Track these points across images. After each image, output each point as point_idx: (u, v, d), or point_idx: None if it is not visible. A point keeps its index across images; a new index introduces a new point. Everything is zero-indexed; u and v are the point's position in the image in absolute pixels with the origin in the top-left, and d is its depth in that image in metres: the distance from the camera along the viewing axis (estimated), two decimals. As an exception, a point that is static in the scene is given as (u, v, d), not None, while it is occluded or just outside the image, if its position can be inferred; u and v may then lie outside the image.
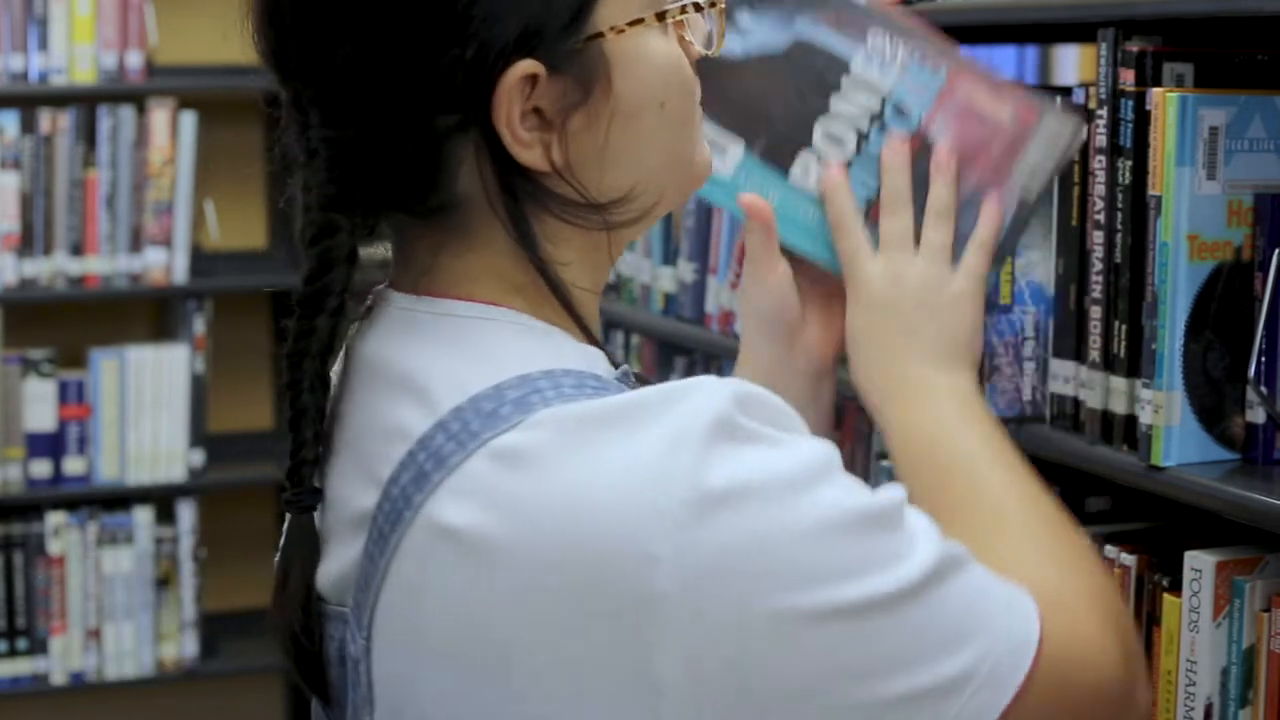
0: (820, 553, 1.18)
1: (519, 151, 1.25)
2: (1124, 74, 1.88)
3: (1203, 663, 1.80)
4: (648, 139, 1.30)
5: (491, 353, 1.26)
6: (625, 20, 1.27)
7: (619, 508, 1.16)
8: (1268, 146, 1.84)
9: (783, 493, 1.18)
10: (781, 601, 1.17)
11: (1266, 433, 1.83)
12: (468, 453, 1.20)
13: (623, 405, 1.20)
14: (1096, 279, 1.93)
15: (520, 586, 1.18)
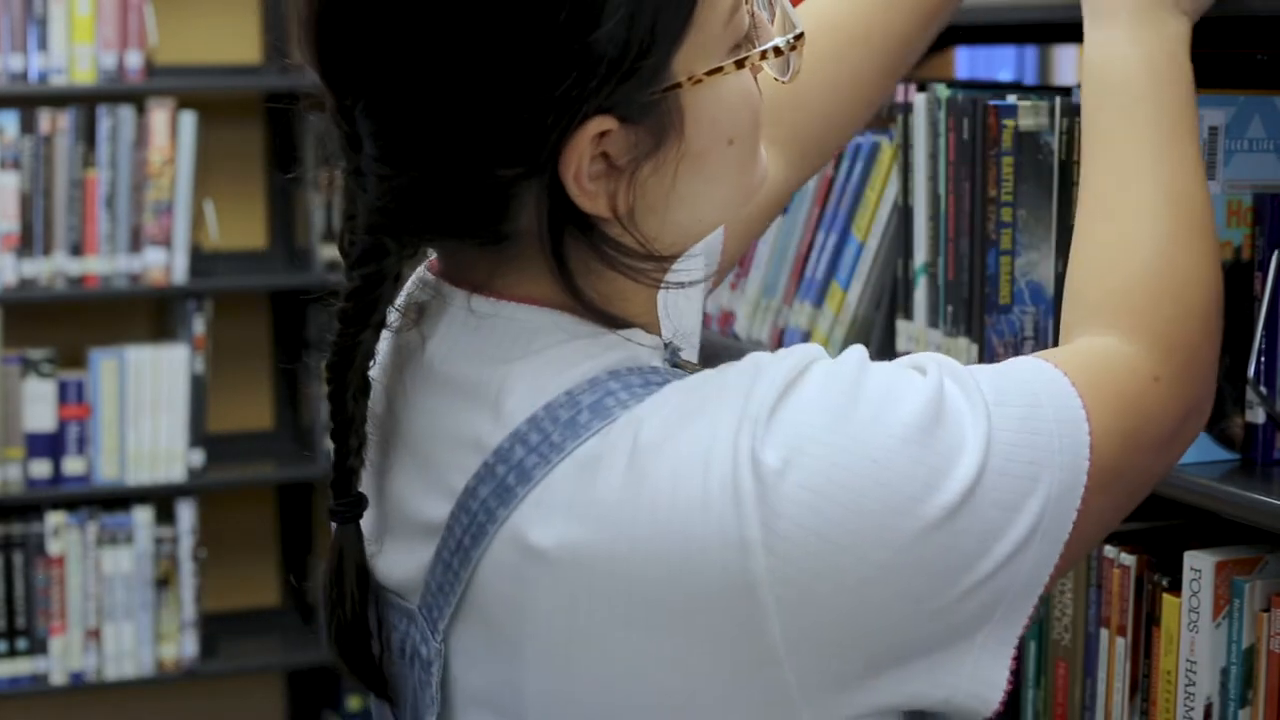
0: (889, 480, 1.18)
1: (583, 202, 1.22)
2: (1124, 74, 1.87)
3: (1202, 663, 1.80)
4: (715, 176, 1.27)
5: (558, 357, 1.24)
6: (704, 70, 1.23)
7: (702, 501, 1.16)
8: (1267, 146, 1.84)
9: (834, 433, 1.18)
10: (868, 542, 1.18)
11: (1266, 433, 1.83)
12: (551, 465, 1.20)
13: (690, 396, 1.20)
14: (1096, 279, 1.93)
15: (622, 594, 1.18)
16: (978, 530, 1.21)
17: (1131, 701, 1.93)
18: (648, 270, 1.26)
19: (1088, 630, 2.00)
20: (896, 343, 2.44)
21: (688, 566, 1.17)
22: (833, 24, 1.74)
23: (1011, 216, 2.03)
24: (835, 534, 1.17)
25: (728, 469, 1.16)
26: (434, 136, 1.21)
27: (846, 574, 1.17)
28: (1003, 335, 2.05)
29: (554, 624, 1.20)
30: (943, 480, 1.20)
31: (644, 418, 1.19)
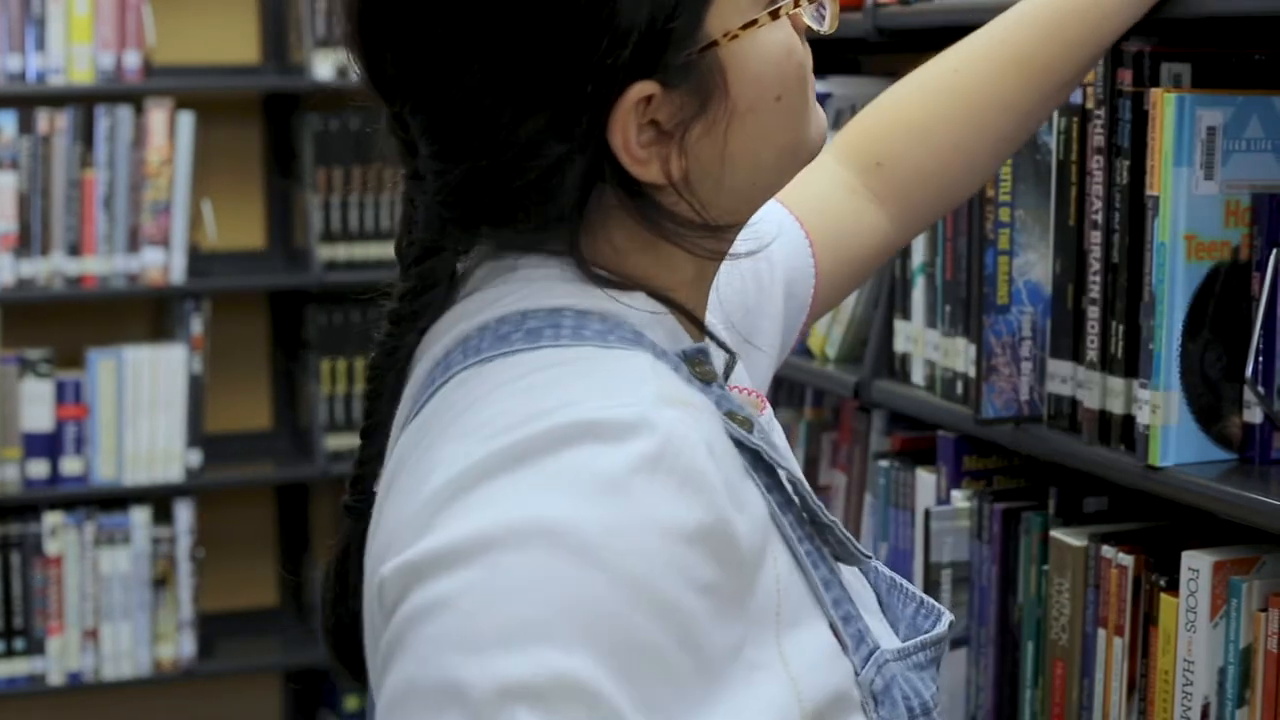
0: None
1: (638, 171, 1.21)
2: (1122, 74, 1.88)
3: (1200, 662, 1.81)
4: (766, 135, 1.26)
5: (541, 289, 1.23)
6: (739, 24, 1.23)
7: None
8: (1265, 146, 1.84)
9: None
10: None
11: (1264, 432, 1.83)
12: (454, 369, 1.20)
13: (575, 368, 1.17)
14: (1094, 279, 1.94)
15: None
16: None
17: (1129, 701, 1.93)
18: (703, 242, 1.26)
19: (1085, 630, 2.00)
20: (895, 342, 2.44)
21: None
22: (952, 90, 1.75)
23: (1010, 216, 2.03)
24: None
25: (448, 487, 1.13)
26: (480, 125, 1.21)
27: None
28: (1000, 335, 2.05)
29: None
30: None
31: (540, 361, 1.17)
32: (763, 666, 1.17)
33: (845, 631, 1.24)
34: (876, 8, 2.41)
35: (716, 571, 1.12)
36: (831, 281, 1.70)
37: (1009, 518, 2.16)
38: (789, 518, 1.24)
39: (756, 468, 1.22)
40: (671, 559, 1.09)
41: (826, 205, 1.68)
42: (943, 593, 2.23)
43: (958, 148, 1.73)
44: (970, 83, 1.74)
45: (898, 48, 2.64)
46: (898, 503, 2.38)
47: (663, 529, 1.09)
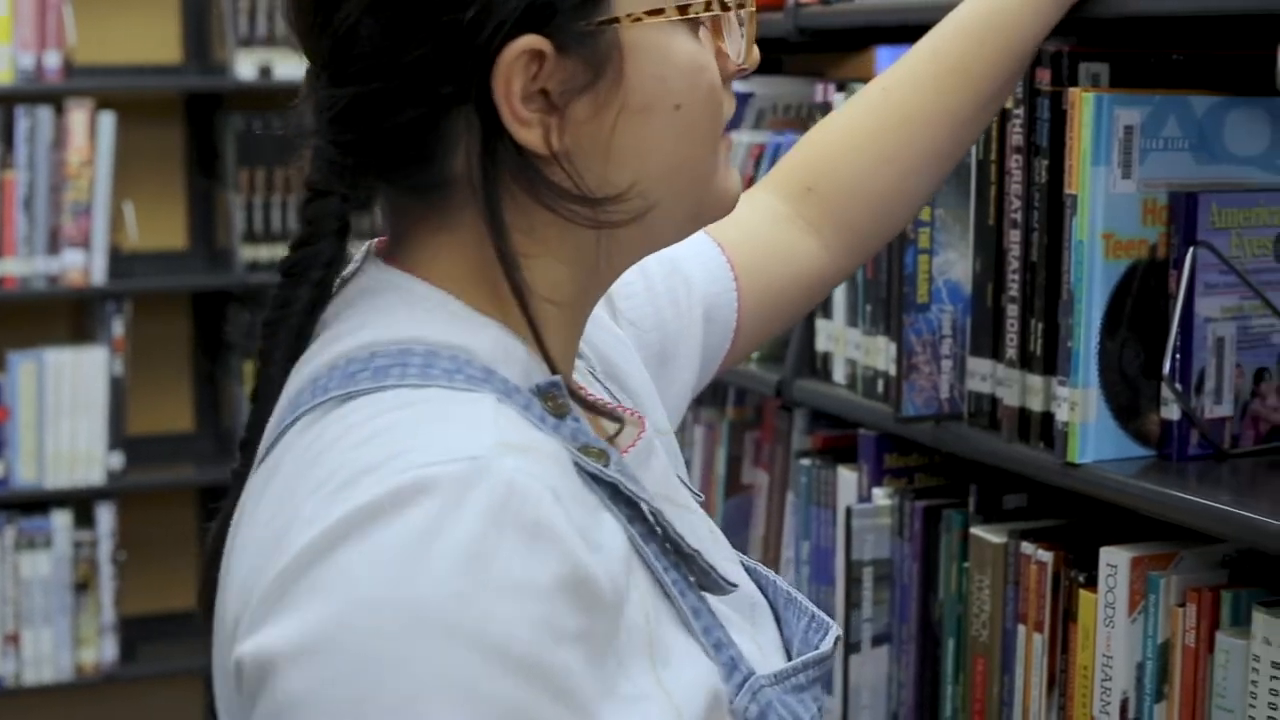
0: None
1: (517, 129, 1.20)
2: (1040, 74, 1.89)
3: (1118, 658, 1.82)
4: (656, 139, 1.24)
5: (411, 318, 1.22)
6: (644, 9, 1.22)
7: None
8: (1182, 145, 1.85)
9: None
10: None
11: (1181, 429, 1.85)
12: (302, 410, 1.18)
13: (422, 409, 1.16)
14: (1013, 278, 1.95)
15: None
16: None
17: (1049, 697, 1.94)
18: (581, 213, 1.23)
19: (1005, 627, 2.01)
20: (816, 341, 2.45)
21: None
22: (882, 107, 1.74)
23: (930, 215, 2.04)
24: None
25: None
26: (368, 46, 1.20)
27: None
28: (920, 334, 2.06)
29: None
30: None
31: (384, 403, 1.16)
32: (644, 698, 1.16)
33: (717, 659, 1.24)
34: (798, 7, 2.42)
35: (581, 619, 1.11)
36: (761, 310, 1.69)
37: (930, 515, 2.17)
38: (653, 548, 1.23)
39: (616, 500, 1.21)
40: (533, 618, 1.08)
41: (753, 234, 1.67)
42: (864, 590, 2.24)
43: (890, 162, 1.73)
44: (899, 98, 1.74)
45: (819, 48, 2.66)
46: (819, 501, 2.39)
47: (519, 589, 1.08)
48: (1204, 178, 1.86)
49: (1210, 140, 1.87)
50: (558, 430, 1.20)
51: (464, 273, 1.25)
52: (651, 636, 1.19)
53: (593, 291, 1.31)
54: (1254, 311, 1.87)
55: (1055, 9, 1.77)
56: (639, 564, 1.21)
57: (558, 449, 1.17)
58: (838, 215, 1.71)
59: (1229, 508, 1.71)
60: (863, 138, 1.73)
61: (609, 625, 1.14)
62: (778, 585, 1.40)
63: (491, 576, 1.07)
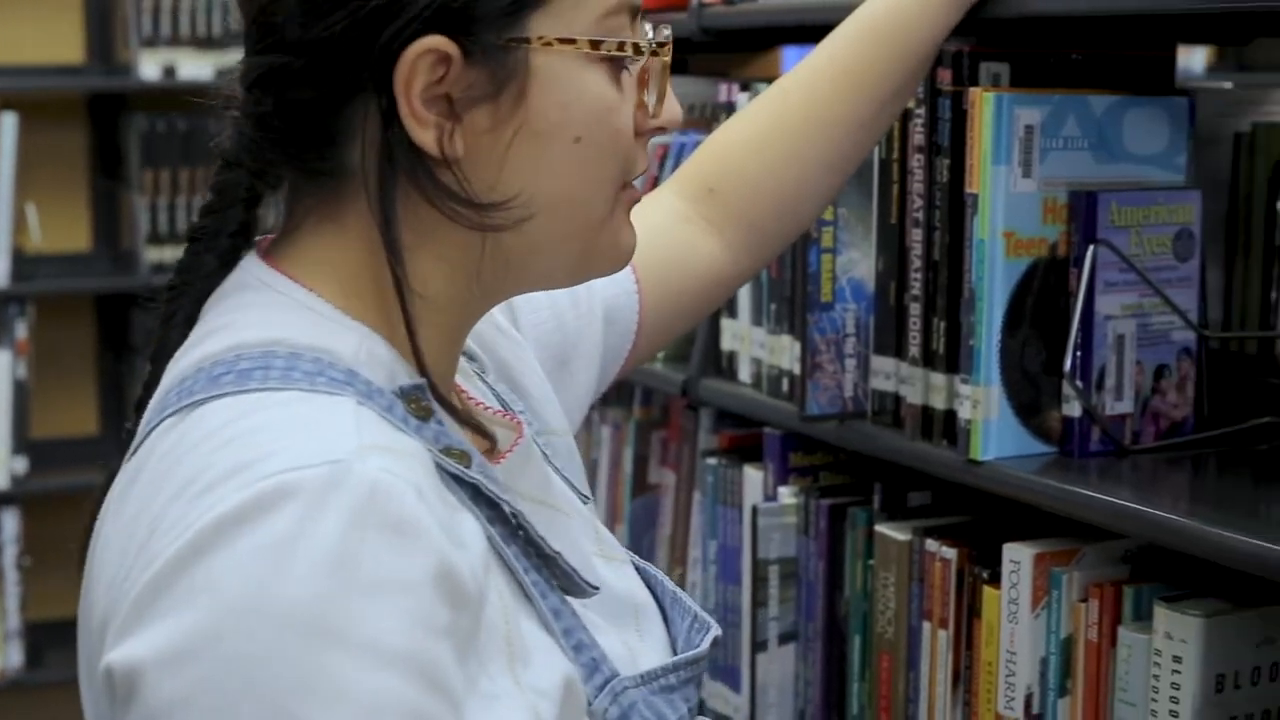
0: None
1: (412, 126, 1.21)
2: (941, 74, 1.90)
3: (1022, 653, 1.83)
4: (551, 165, 1.25)
5: (282, 318, 1.23)
6: (557, 35, 1.23)
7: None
8: (1081, 145, 1.87)
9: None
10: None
11: (1082, 426, 1.86)
12: (168, 411, 1.19)
13: (274, 414, 1.16)
14: (915, 276, 1.96)
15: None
16: None
17: (954, 693, 1.96)
18: (466, 215, 1.24)
19: (910, 623, 2.02)
20: (722, 340, 2.45)
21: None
22: (783, 109, 1.76)
23: (833, 215, 2.05)
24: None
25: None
26: (286, 22, 1.22)
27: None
28: (824, 332, 2.06)
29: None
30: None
31: (244, 404, 1.16)
32: (502, 696, 1.17)
33: (577, 661, 1.25)
34: (701, 8, 2.42)
35: (449, 613, 1.12)
36: (663, 311, 1.70)
37: (835, 513, 2.18)
38: (514, 549, 1.24)
39: (477, 500, 1.22)
40: (404, 612, 1.09)
41: (654, 234, 1.67)
42: (771, 589, 2.24)
43: (791, 163, 1.74)
44: (799, 100, 1.75)
45: (724, 48, 2.66)
46: (726, 500, 2.39)
47: (388, 585, 1.09)
48: (1103, 177, 1.88)
49: (1109, 139, 1.88)
50: (420, 432, 1.21)
51: (342, 273, 1.26)
52: (510, 636, 1.20)
53: (475, 302, 1.32)
54: (1154, 309, 1.89)
55: (952, 11, 1.78)
56: (498, 564, 1.22)
57: (419, 449, 1.18)
58: (740, 215, 1.72)
59: (1130, 504, 1.72)
60: (764, 139, 1.74)
61: (472, 621, 1.15)
62: (664, 585, 1.41)
63: (359, 576, 1.08)
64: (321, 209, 1.27)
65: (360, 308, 1.26)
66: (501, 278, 1.29)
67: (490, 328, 1.51)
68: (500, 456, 1.34)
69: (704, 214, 1.71)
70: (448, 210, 1.24)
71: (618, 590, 1.37)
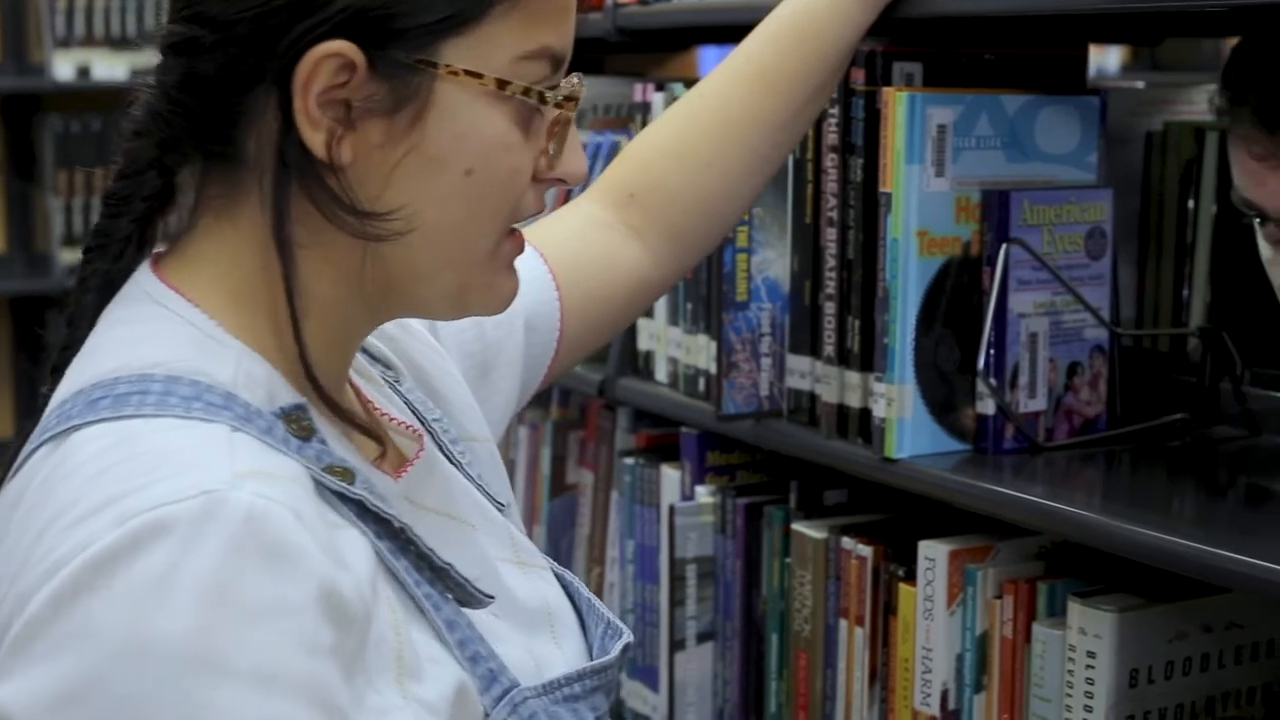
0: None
1: (304, 125, 1.21)
2: (855, 73, 1.91)
3: (938, 650, 1.84)
4: (437, 192, 1.24)
5: (149, 334, 1.23)
6: (465, 67, 1.23)
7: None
8: (994, 144, 1.88)
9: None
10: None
11: (996, 423, 1.87)
12: (47, 435, 1.18)
13: (141, 448, 1.14)
14: (830, 275, 1.96)
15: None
16: None
17: (871, 690, 1.96)
18: (348, 221, 1.23)
19: (827, 621, 2.03)
20: (638, 340, 2.46)
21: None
22: (700, 113, 1.76)
23: (748, 214, 2.05)
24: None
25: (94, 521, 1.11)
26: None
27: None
28: (740, 332, 2.07)
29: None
30: None
31: (115, 434, 1.15)
32: (390, 710, 1.17)
33: (474, 673, 1.24)
34: (616, 7, 2.42)
35: (334, 633, 1.12)
36: (585, 318, 1.70)
37: (752, 512, 2.19)
38: (405, 562, 1.24)
39: (364, 516, 1.21)
40: (289, 635, 1.09)
41: (574, 241, 1.68)
42: (688, 588, 2.25)
43: (709, 167, 1.74)
44: (717, 103, 1.75)
45: (639, 47, 2.66)
46: (643, 500, 2.39)
47: (271, 611, 1.09)
48: (1016, 175, 1.89)
49: (1022, 139, 1.89)
50: (301, 452, 1.20)
51: (231, 279, 1.26)
52: (401, 650, 1.19)
53: (361, 312, 1.31)
54: (1066, 307, 1.90)
55: (865, 12, 1.79)
56: (389, 579, 1.22)
57: (298, 471, 1.18)
58: (660, 221, 1.72)
59: (1044, 500, 1.73)
60: (681, 144, 1.74)
61: (358, 640, 1.15)
62: (581, 592, 1.41)
63: (240, 605, 1.08)
64: (219, 204, 1.26)
65: (247, 315, 1.25)
66: (384, 293, 1.29)
67: (407, 334, 1.50)
68: (403, 469, 1.34)
69: (624, 220, 1.71)
70: (329, 214, 1.23)
71: (530, 598, 1.37)
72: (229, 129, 1.24)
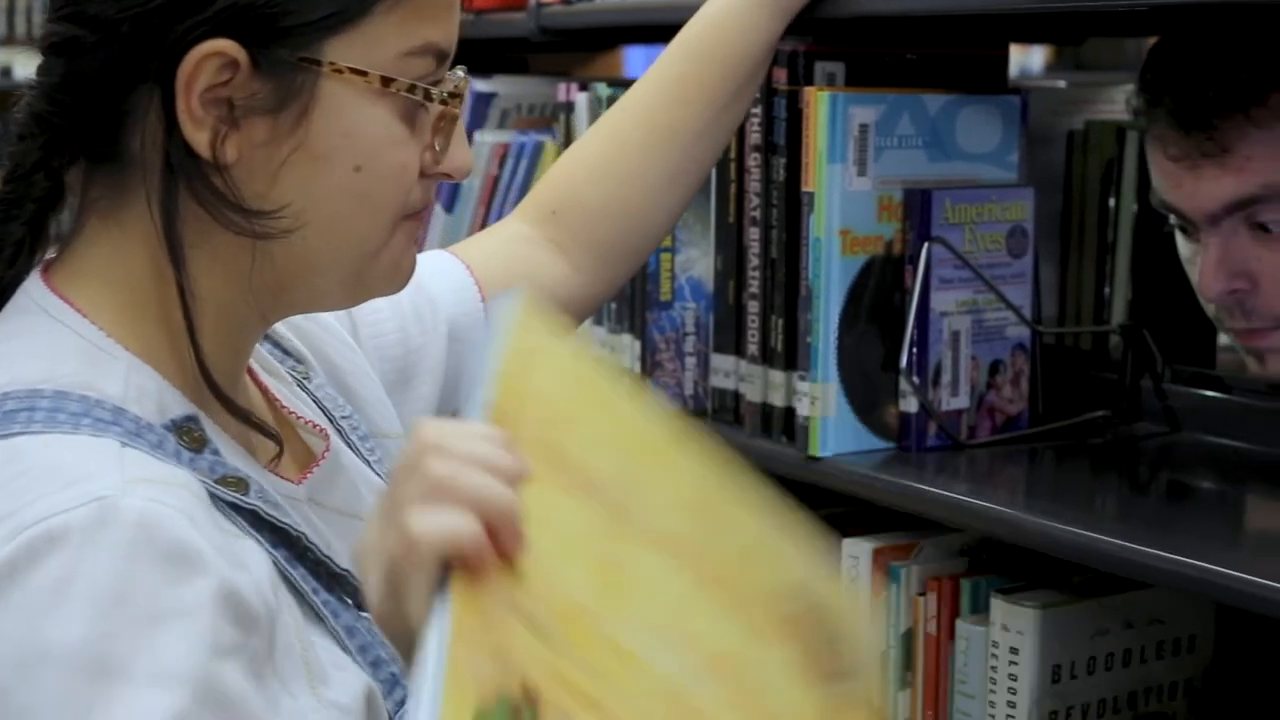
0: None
1: (187, 125, 1.20)
2: (777, 73, 1.91)
3: (862, 648, 1.84)
4: (325, 189, 1.24)
5: (36, 352, 1.21)
6: (349, 65, 1.22)
7: None
8: (916, 143, 1.88)
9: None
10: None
11: (919, 421, 1.88)
12: None
13: (26, 463, 1.13)
14: (754, 275, 1.97)
15: None
16: None
17: (795, 688, 1.97)
18: (234, 220, 1.23)
19: (753, 620, 2.03)
20: (563, 340, 2.45)
21: None
22: (619, 127, 1.75)
23: (674, 218, 2.05)
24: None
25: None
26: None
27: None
28: (664, 331, 2.07)
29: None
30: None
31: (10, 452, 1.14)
32: (307, 713, 1.17)
33: (376, 678, 1.24)
34: (539, 7, 2.41)
35: (236, 633, 1.11)
36: None
37: (677, 512, 2.18)
38: (301, 570, 1.23)
39: (259, 526, 1.21)
40: (189, 637, 1.08)
41: (499, 256, 1.68)
42: (614, 587, 2.24)
43: (632, 180, 1.74)
44: (636, 116, 1.75)
45: (563, 47, 2.66)
46: (569, 499, 2.39)
47: (169, 614, 1.08)
48: (937, 175, 1.89)
49: (943, 138, 1.90)
50: (193, 464, 1.20)
51: (120, 286, 1.25)
52: (306, 656, 1.19)
53: (253, 311, 1.30)
54: (988, 305, 1.91)
55: (777, 19, 1.78)
56: (286, 587, 1.21)
57: (189, 479, 1.17)
58: (583, 236, 1.72)
59: (966, 498, 1.74)
60: (603, 159, 1.74)
61: (264, 641, 1.14)
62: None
63: (138, 609, 1.07)
64: (105, 206, 1.25)
65: (138, 322, 1.24)
66: (276, 291, 1.28)
67: (322, 329, 1.50)
68: (309, 469, 1.34)
69: (549, 236, 1.71)
70: (216, 213, 1.23)
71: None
72: (112, 130, 1.23)
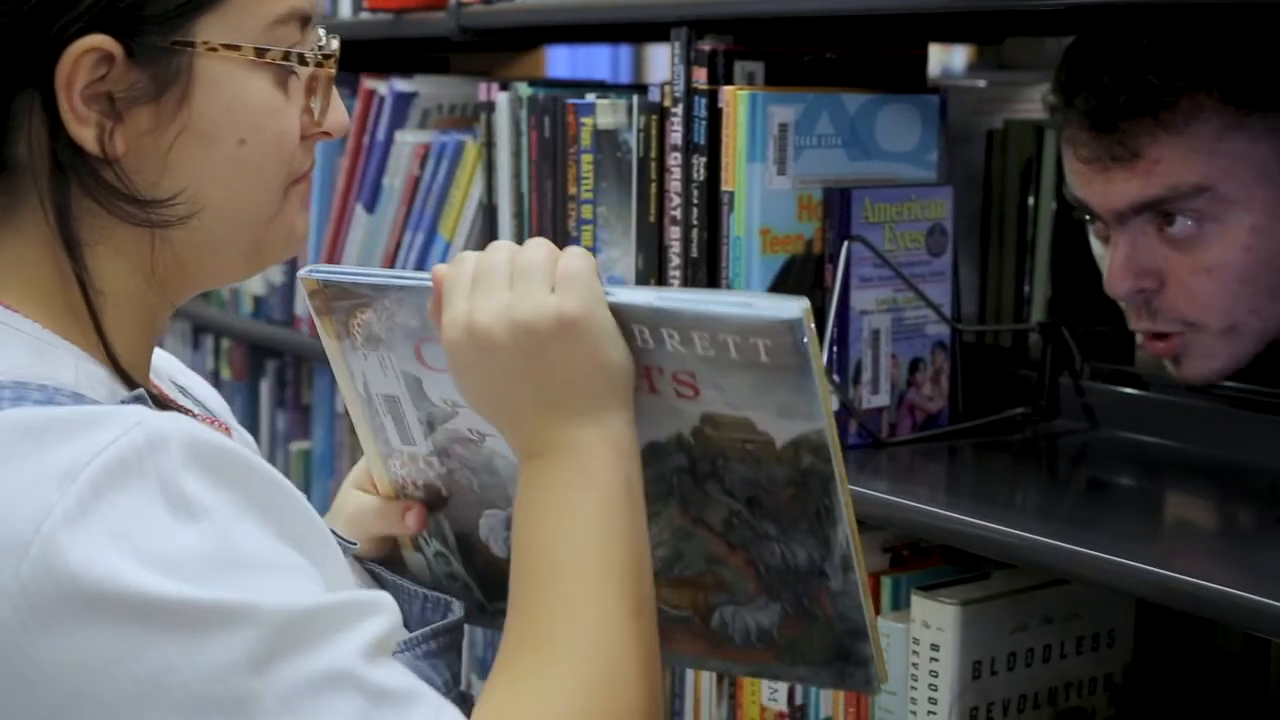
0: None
1: (72, 124, 1.21)
2: (697, 72, 1.91)
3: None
4: (214, 167, 1.26)
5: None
6: (222, 42, 1.24)
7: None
8: (835, 142, 1.89)
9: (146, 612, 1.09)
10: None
11: (840, 420, 1.88)
12: None
13: (41, 419, 1.13)
14: (675, 274, 1.96)
15: None
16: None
17: (719, 689, 1.97)
18: (132, 212, 1.24)
19: (675, 619, 2.03)
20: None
21: None
22: None
23: (592, 214, 2.06)
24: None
25: (19, 511, 1.09)
26: None
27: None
28: (586, 331, 2.07)
29: None
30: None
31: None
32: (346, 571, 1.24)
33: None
34: (459, 7, 2.40)
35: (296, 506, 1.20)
36: None
37: (600, 511, 2.18)
38: None
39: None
40: (271, 515, 1.16)
41: None
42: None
43: None
44: None
45: (484, 46, 2.66)
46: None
47: (248, 504, 1.15)
48: (857, 174, 1.90)
49: (863, 137, 1.91)
50: None
51: (34, 287, 1.25)
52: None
53: (157, 298, 1.31)
54: (908, 304, 1.92)
55: None
56: None
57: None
58: None
59: (887, 495, 1.74)
60: None
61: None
62: (385, 576, 1.42)
63: (225, 507, 1.13)
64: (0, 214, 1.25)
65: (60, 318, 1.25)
66: (178, 274, 1.29)
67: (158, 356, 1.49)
68: None
69: None
70: (112, 207, 1.24)
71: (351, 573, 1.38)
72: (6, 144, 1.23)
